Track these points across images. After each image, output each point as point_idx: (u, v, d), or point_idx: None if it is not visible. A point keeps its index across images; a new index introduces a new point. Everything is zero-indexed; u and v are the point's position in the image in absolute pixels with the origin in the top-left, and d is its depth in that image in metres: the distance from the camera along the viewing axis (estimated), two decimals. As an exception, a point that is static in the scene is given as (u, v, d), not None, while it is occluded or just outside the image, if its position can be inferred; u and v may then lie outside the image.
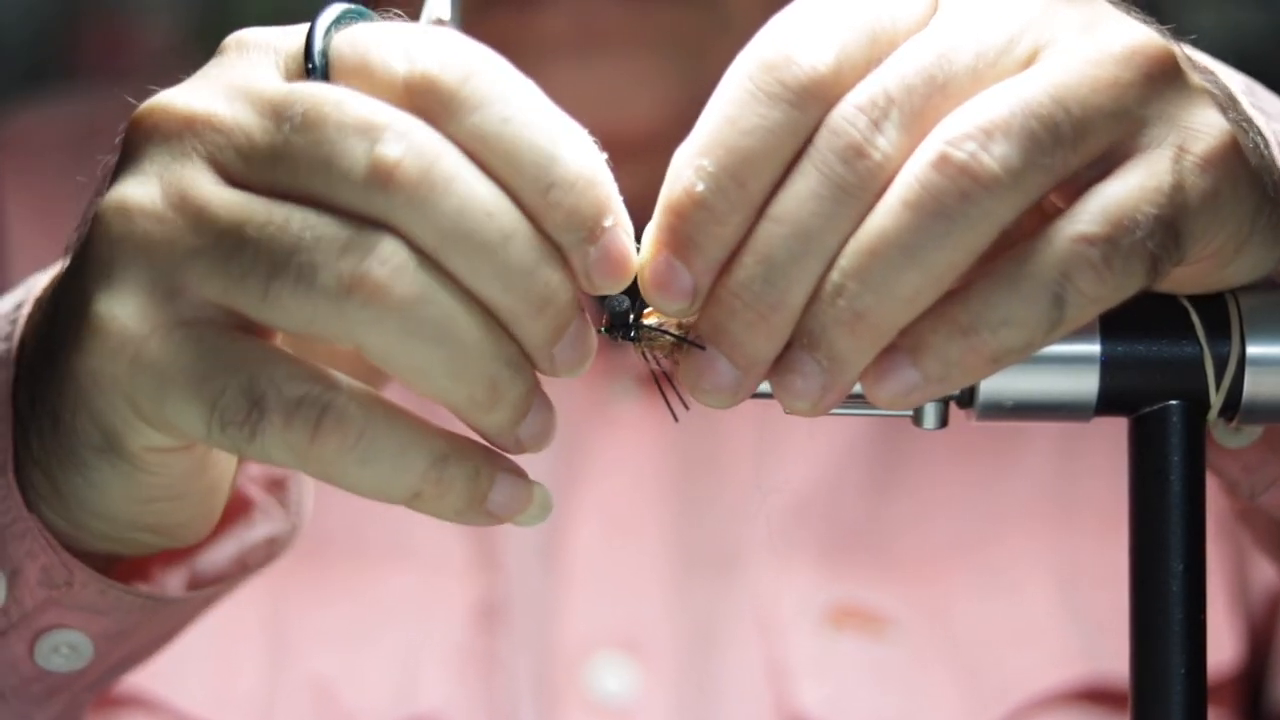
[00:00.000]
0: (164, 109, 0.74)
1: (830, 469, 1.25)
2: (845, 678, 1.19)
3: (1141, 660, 0.77)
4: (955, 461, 1.25)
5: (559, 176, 0.72)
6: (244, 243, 0.71)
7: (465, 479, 0.73)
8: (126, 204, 0.73)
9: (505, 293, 0.71)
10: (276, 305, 0.71)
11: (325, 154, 0.71)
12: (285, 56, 0.75)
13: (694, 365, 0.73)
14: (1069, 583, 1.21)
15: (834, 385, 0.72)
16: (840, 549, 1.23)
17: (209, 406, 0.71)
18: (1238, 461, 0.85)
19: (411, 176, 0.70)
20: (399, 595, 1.21)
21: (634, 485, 1.24)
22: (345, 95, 0.71)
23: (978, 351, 0.71)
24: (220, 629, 1.17)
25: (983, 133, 0.71)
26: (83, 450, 0.76)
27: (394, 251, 0.70)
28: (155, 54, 2.24)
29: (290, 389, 0.71)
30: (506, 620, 1.20)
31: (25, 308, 0.83)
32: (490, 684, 1.19)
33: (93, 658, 0.86)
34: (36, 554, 0.82)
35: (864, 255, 0.71)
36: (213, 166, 0.73)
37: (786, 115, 0.72)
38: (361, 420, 0.71)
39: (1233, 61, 0.80)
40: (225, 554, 0.89)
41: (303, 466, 0.72)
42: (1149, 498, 0.77)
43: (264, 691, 1.18)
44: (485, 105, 0.72)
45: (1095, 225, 0.71)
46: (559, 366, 0.73)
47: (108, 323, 0.72)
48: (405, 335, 0.70)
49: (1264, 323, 0.77)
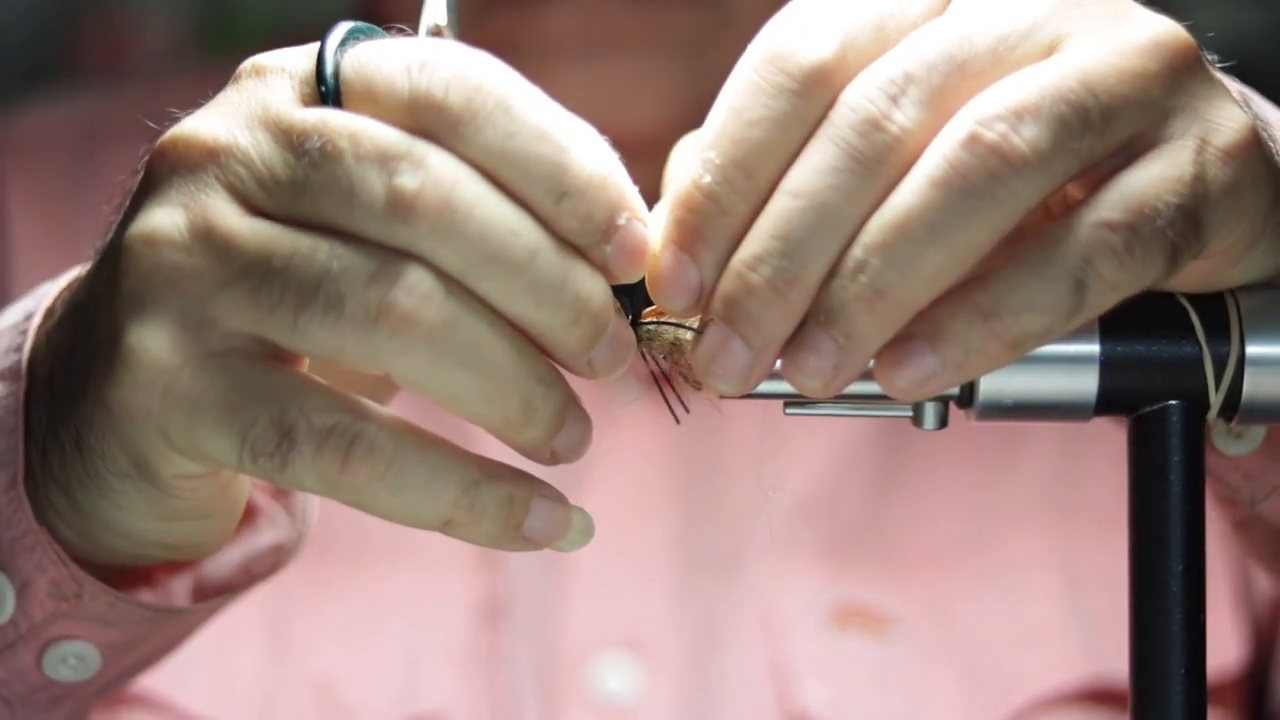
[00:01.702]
0: (186, 139, 0.74)
1: (833, 470, 1.25)
2: (848, 678, 1.19)
3: (1141, 661, 0.77)
4: (957, 462, 1.25)
5: (569, 184, 0.72)
6: (271, 274, 0.71)
7: (499, 506, 0.73)
8: (155, 235, 0.73)
9: (538, 309, 0.71)
10: (306, 335, 0.71)
11: (344, 187, 0.71)
12: (299, 80, 0.75)
13: (705, 349, 0.73)
14: (1071, 583, 1.21)
15: (848, 365, 0.72)
16: (843, 549, 1.23)
17: (240, 438, 0.72)
18: (1238, 469, 0.85)
19: (432, 206, 0.70)
20: (401, 593, 1.21)
21: (637, 485, 1.24)
22: (358, 126, 0.71)
23: (998, 337, 0.71)
24: (222, 627, 1.17)
25: (1013, 114, 0.70)
26: (108, 475, 0.76)
27: (420, 279, 0.70)
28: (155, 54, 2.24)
29: (320, 419, 0.71)
30: (509, 619, 1.20)
31: (35, 318, 0.83)
32: (493, 683, 1.19)
33: (100, 667, 0.86)
34: (46, 567, 0.82)
35: (889, 231, 0.70)
36: (235, 197, 0.73)
37: (792, 105, 0.72)
38: (392, 449, 0.72)
39: (1233, 61, 0.80)
40: (231, 562, 0.89)
41: (334, 495, 0.72)
42: (1149, 498, 0.77)
43: (266, 689, 1.18)
44: (490, 122, 0.71)
45: (1118, 212, 0.71)
46: (598, 369, 0.74)
47: (140, 355, 0.72)
48: (435, 362, 0.71)
49: (1263, 322, 0.77)
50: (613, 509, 1.24)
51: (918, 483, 1.25)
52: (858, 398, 0.77)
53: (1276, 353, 0.77)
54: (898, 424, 0.79)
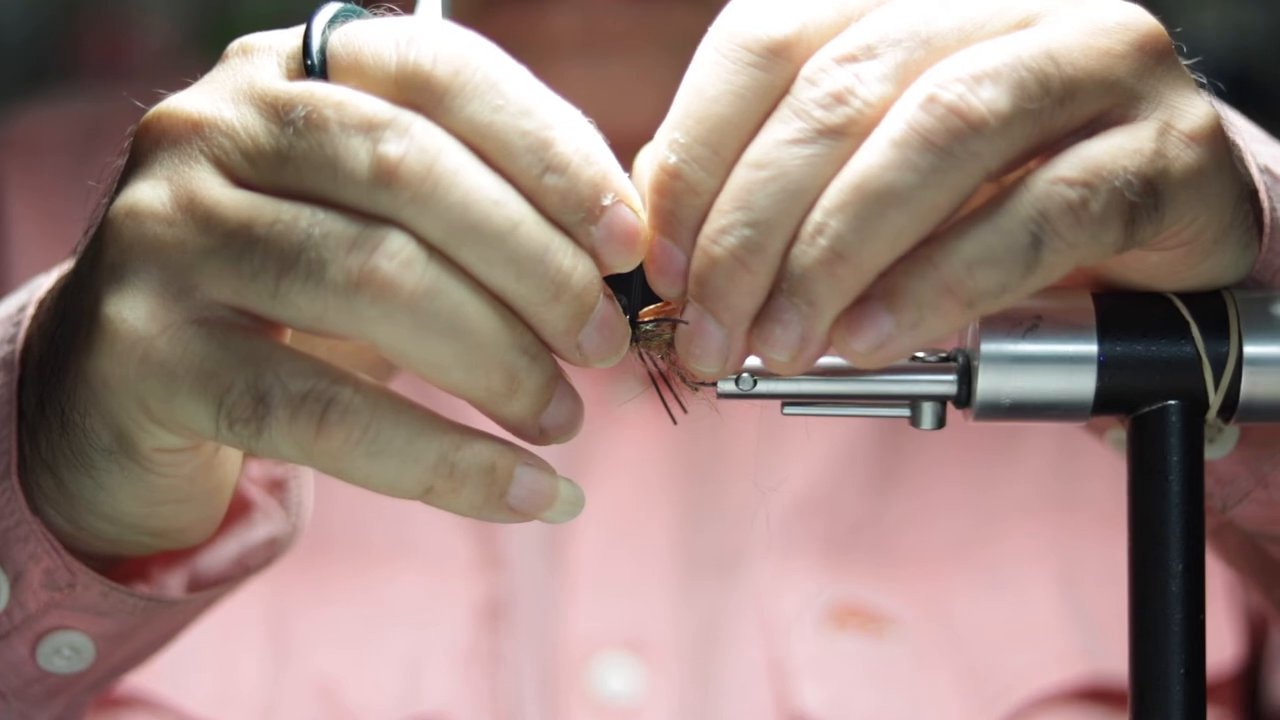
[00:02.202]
0: (170, 113, 0.75)
1: (831, 470, 1.25)
2: (846, 677, 1.19)
3: (1141, 660, 0.77)
4: (955, 462, 1.25)
5: (552, 159, 0.72)
6: (253, 242, 0.71)
7: (480, 472, 0.73)
8: (137, 207, 0.73)
9: (519, 280, 0.71)
10: (287, 302, 0.71)
11: (329, 156, 0.71)
12: (286, 57, 0.75)
13: (684, 334, 0.73)
14: (1069, 582, 1.21)
15: (812, 334, 0.71)
16: (841, 549, 1.23)
17: (216, 404, 0.72)
18: (1211, 474, 0.85)
19: (415, 173, 0.71)
20: (403, 594, 1.21)
21: (637, 486, 1.24)
22: (344, 95, 0.72)
23: (953, 292, 0.71)
24: (223, 629, 1.17)
25: (972, 78, 0.71)
26: (92, 452, 0.76)
27: (402, 246, 0.70)
28: (156, 55, 2.24)
29: (295, 384, 0.71)
30: (511, 620, 1.21)
31: (29, 310, 0.83)
32: (494, 683, 1.19)
33: (94, 659, 0.86)
34: (40, 557, 0.82)
35: (847, 192, 0.70)
36: (220, 169, 0.73)
37: (752, 78, 0.72)
38: (368, 413, 0.71)
39: (1233, 61, 0.81)
40: (226, 555, 0.89)
41: (311, 461, 0.72)
42: (1148, 497, 0.77)
43: (267, 691, 1.18)
44: (477, 95, 0.72)
45: (1075, 170, 0.71)
46: (589, 354, 0.73)
47: (117, 324, 0.73)
48: (417, 329, 0.71)
49: (1261, 323, 0.77)
50: (613, 510, 1.24)
51: (915, 482, 1.25)
52: (857, 397, 0.77)
53: (1275, 353, 0.77)
54: (895, 424, 0.79)
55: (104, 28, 2.32)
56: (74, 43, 2.34)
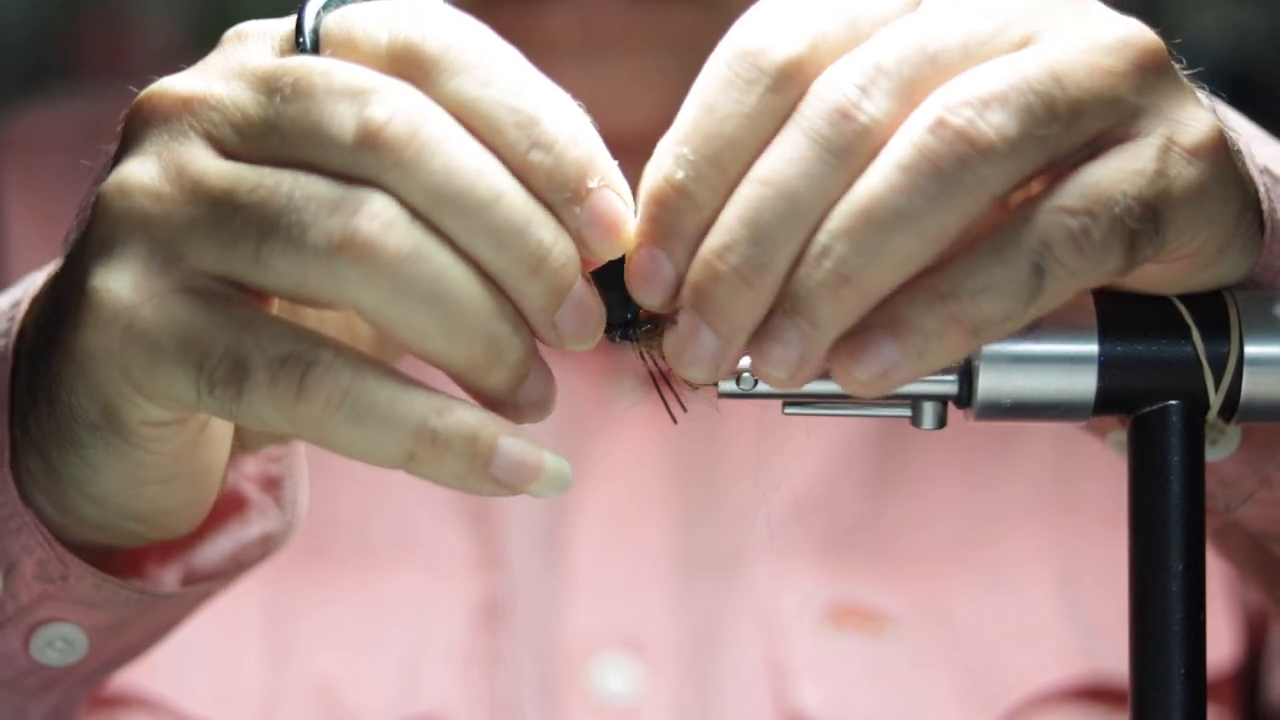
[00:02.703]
0: (162, 93, 0.75)
1: (830, 469, 1.25)
2: (845, 677, 1.19)
3: (1141, 660, 0.77)
4: (954, 461, 1.25)
5: (539, 137, 0.72)
6: (235, 208, 0.71)
7: (463, 439, 0.72)
8: (126, 183, 0.74)
9: (498, 252, 0.71)
10: (268, 267, 0.71)
11: (315, 120, 0.71)
12: (279, 39, 0.76)
13: (675, 337, 0.73)
14: (1069, 582, 1.22)
15: (812, 354, 0.71)
16: (840, 548, 1.23)
17: (196, 369, 0.72)
18: (1214, 475, 0.85)
19: (400, 137, 0.71)
20: (401, 594, 1.21)
21: (636, 485, 1.25)
22: (332, 64, 0.72)
23: (958, 321, 0.71)
24: (222, 628, 1.17)
25: (980, 101, 0.71)
26: (79, 429, 0.76)
27: (384, 207, 0.71)
28: (156, 55, 2.24)
29: (275, 348, 0.71)
30: (509, 619, 1.21)
31: (23, 305, 0.83)
32: (493, 683, 1.19)
33: (87, 651, 0.86)
34: (33, 548, 0.82)
35: (854, 216, 0.70)
36: (209, 142, 0.73)
37: (762, 99, 0.72)
38: (348, 376, 0.71)
39: (1233, 61, 0.81)
40: (220, 551, 0.89)
41: (292, 427, 0.72)
42: (1148, 498, 0.77)
43: (266, 691, 1.18)
44: (466, 70, 0.72)
45: (1075, 199, 0.71)
46: (564, 334, 0.73)
47: (102, 295, 0.73)
48: (398, 293, 0.71)
49: (1263, 322, 0.77)
50: (612, 509, 1.24)
51: (914, 482, 1.25)
52: (858, 397, 0.77)
53: (1276, 353, 0.77)
54: (895, 423, 0.79)
55: (104, 28, 2.33)
56: (74, 43, 2.35)
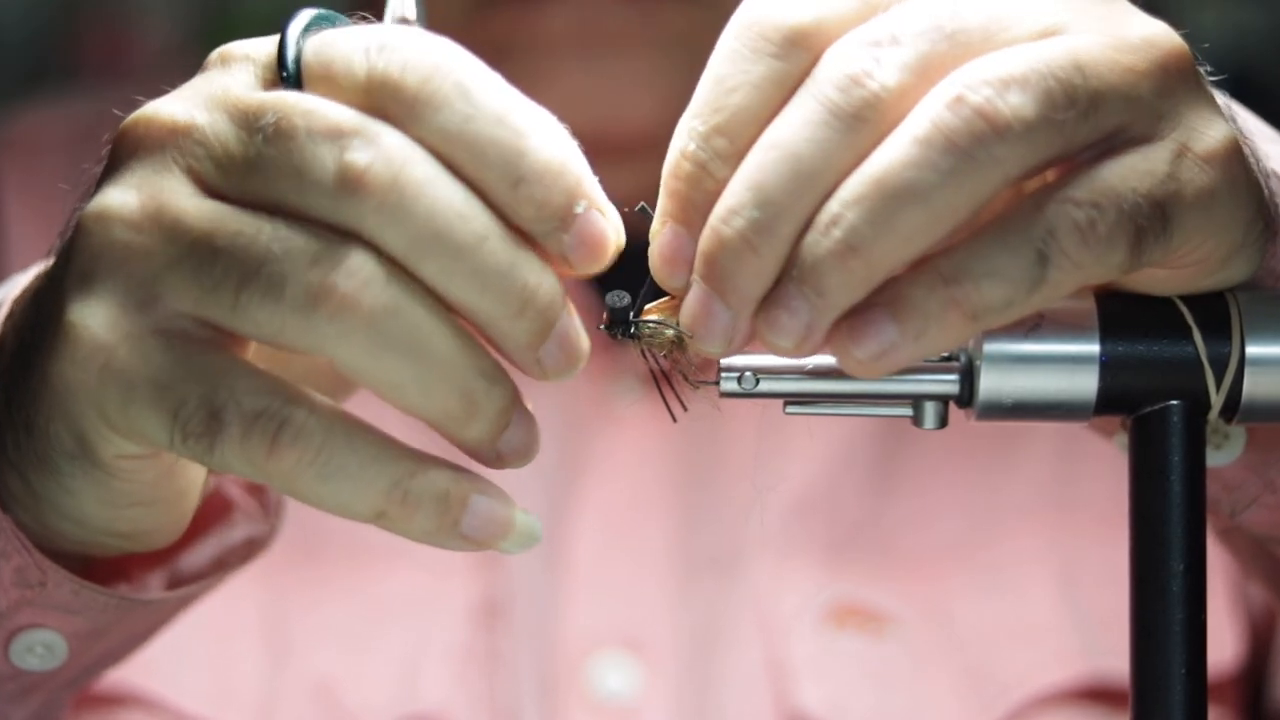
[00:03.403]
0: (148, 120, 0.75)
1: (831, 469, 1.25)
2: (846, 676, 1.19)
3: (1142, 660, 0.77)
4: (955, 461, 1.25)
5: (526, 169, 0.72)
6: (216, 253, 0.71)
7: (433, 500, 0.72)
8: (107, 213, 0.73)
9: (482, 295, 0.71)
10: (246, 315, 0.71)
11: (295, 163, 0.71)
12: (262, 66, 0.75)
13: (687, 310, 0.73)
14: (1069, 582, 1.21)
15: (819, 324, 0.71)
16: (841, 548, 1.23)
17: (170, 416, 0.71)
18: (1218, 480, 0.85)
19: (381, 182, 0.70)
20: (400, 594, 1.21)
21: (636, 484, 1.24)
22: (314, 104, 0.72)
23: (959, 304, 0.71)
24: (220, 628, 1.17)
25: (1000, 81, 0.71)
26: (56, 456, 0.76)
27: (362, 264, 0.70)
28: (155, 55, 2.24)
29: (249, 402, 0.71)
30: (508, 618, 1.20)
31: (3, 309, 0.83)
32: (492, 682, 1.19)
33: (68, 657, 0.86)
34: (10, 554, 0.82)
35: (866, 185, 0.70)
36: (191, 177, 0.73)
37: (770, 67, 0.72)
38: (321, 436, 0.71)
39: (1233, 61, 0.81)
40: (205, 554, 0.89)
41: (264, 479, 0.72)
42: (1149, 498, 0.77)
43: (264, 690, 1.18)
44: (447, 105, 0.72)
45: (1084, 191, 0.72)
46: (547, 369, 0.73)
47: (80, 331, 0.73)
48: (375, 348, 0.70)
49: (1264, 322, 0.77)
50: (611, 509, 1.24)
51: (915, 482, 1.25)
52: (859, 397, 0.77)
53: (1277, 353, 0.77)
54: (896, 423, 0.79)
55: (104, 28, 2.33)
56: (74, 43, 2.34)
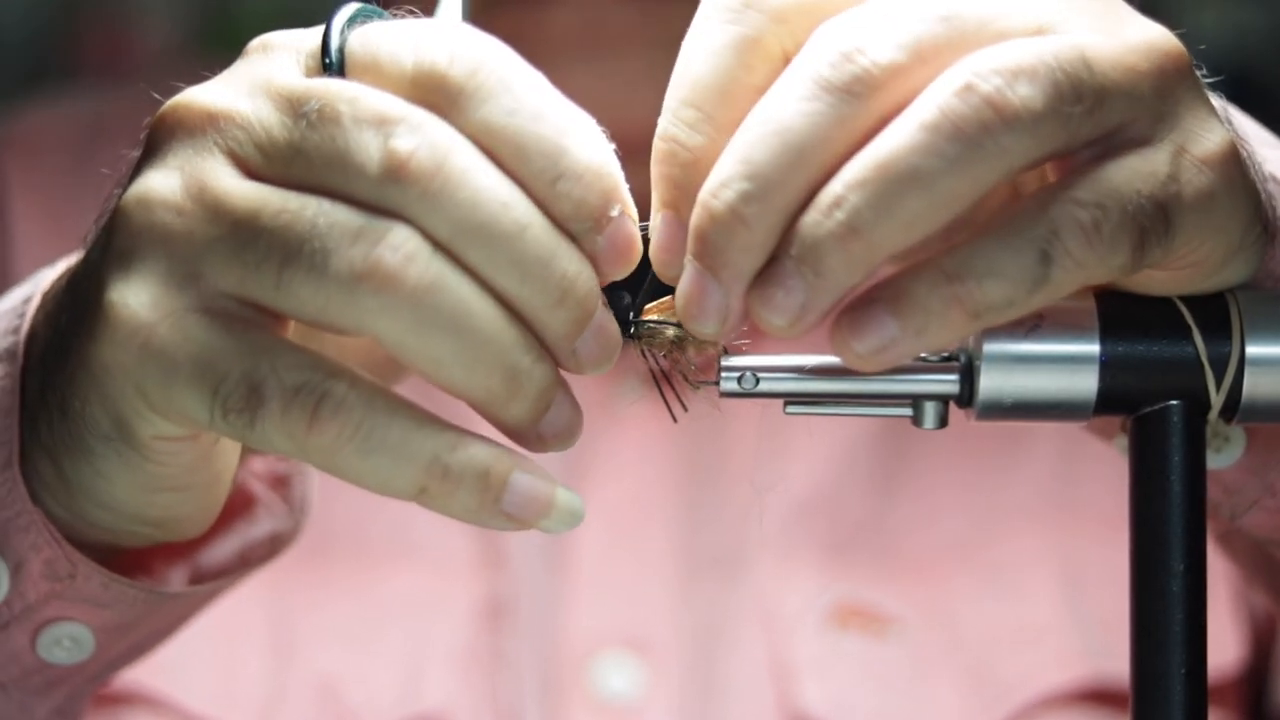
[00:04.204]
0: (187, 105, 0.75)
1: (833, 469, 1.25)
2: (848, 677, 1.19)
3: (1142, 660, 0.77)
4: (957, 462, 1.25)
5: (567, 167, 0.72)
6: (259, 231, 0.71)
7: (475, 476, 0.72)
8: (148, 196, 0.74)
9: (523, 283, 0.71)
10: (289, 293, 0.71)
11: (340, 148, 0.71)
12: (305, 55, 0.76)
13: (680, 291, 0.73)
14: (1072, 583, 1.22)
15: (815, 304, 0.71)
16: (844, 549, 1.23)
17: (211, 393, 0.72)
18: (1218, 483, 0.85)
19: (426, 169, 0.71)
20: (404, 593, 1.21)
21: (639, 484, 1.25)
22: (359, 90, 0.72)
23: (960, 302, 0.71)
24: (225, 627, 1.17)
25: (1010, 72, 0.71)
26: (91, 439, 0.76)
27: (406, 239, 0.71)
28: (156, 55, 2.24)
29: (290, 377, 0.71)
30: (512, 618, 1.21)
31: (34, 301, 0.83)
32: (495, 682, 1.19)
33: (94, 650, 0.86)
34: (40, 547, 0.82)
35: (870, 169, 0.70)
36: (233, 160, 0.73)
37: (726, 33, 0.72)
38: (361, 409, 0.71)
39: (1233, 61, 0.81)
40: (228, 549, 0.89)
41: (304, 456, 0.72)
42: (1149, 498, 0.77)
43: (268, 690, 1.18)
44: (492, 98, 0.72)
45: (1088, 191, 0.72)
46: (583, 361, 0.73)
47: (120, 310, 0.73)
48: (418, 323, 0.71)
49: (1264, 322, 0.77)
50: (614, 509, 1.24)
51: (918, 483, 1.25)
52: (860, 397, 0.77)
53: (1277, 353, 0.77)
54: (898, 424, 0.79)
55: (104, 28, 2.33)
56: (74, 43, 2.35)
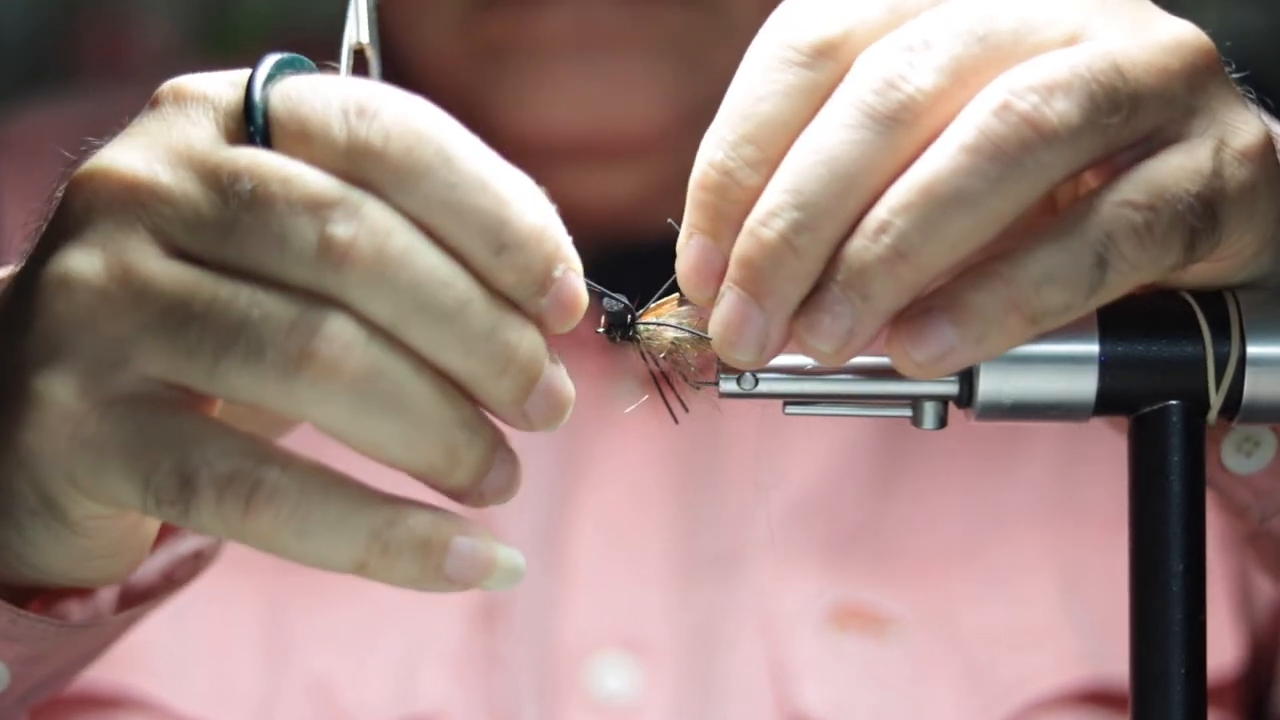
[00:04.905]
0: (104, 174, 0.73)
1: (832, 470, 1.25)
2: (847, 678, 1.19)
3: (1142, 661, 0.77)
4: (957, 463, 1.25)
5: (509, 238, 0.71)
6: (190, 319, 0.70)
7: (414, 548, 0.72)
8: (69, 277, 0.72)
9: (466, 358, 0.71)
10: (225, 381, 0.70)
11: (275, 233, 0.70)
12: (224, 115, 0.74)
13: (719, 318, 0.73)
14: (1071, 584, 1.21)
15: (862, 329, 0.72)
16: (842, 550, 1.23)
17: (143, 484, 0.71)
18: (1248, 487, 0.85)
19: (365, 255, 0.70)
20: (398, 595, 1.21)
21: (636, 485, 1.24)
22: (291, 170, 0.70)
23: (1019, 309, 0.71)
24: (218, 630, 1.17)
25: (1045, 88, 0.71)
26: (18, 512, 0.75)
27: (342, 329, 0.70)
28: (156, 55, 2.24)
29: (222, 465, 0.71)
30: (507, 619, 1.20)
31: None
32: (490, 683, 1.19)
33: (9, 682, 0.85)
34: None
35: (915, 193, 0.71)
36: (156, 238, 0.72)
37: (800, 76, 0.73)
38: (296, 493, 0.71)
39: (1233, 61, 0.81)
40: (155, 568, 0.88)
41: (240, 539, 0.71)
42: (1149, 498, 0.77)
43: (263, 692, 1.18)
44: (430, 174, 0.71)
45: (1139, 193, 0.72)
46: (534, 421, 0.73)
47: (47, 400, 0.72)
48: (357, 410, 0.70)
49: (1264, 322, 0.77)
50: (612, 510, 1.23)
51: (917, 484, 1.25)
52: (859, 397, 0.77)
53: (1277, 353, 0.77)
54: (897, 424, 0.79)
55: (104, 28, 2.32)
56: (74, 43, 2.34)
